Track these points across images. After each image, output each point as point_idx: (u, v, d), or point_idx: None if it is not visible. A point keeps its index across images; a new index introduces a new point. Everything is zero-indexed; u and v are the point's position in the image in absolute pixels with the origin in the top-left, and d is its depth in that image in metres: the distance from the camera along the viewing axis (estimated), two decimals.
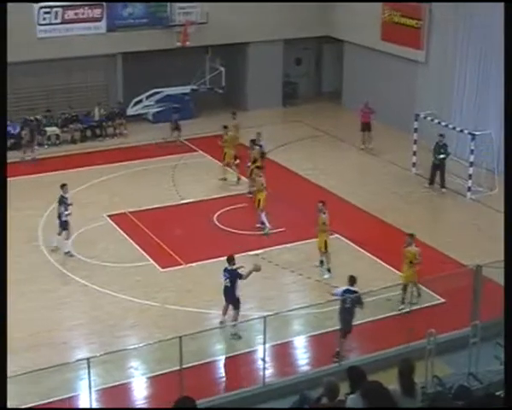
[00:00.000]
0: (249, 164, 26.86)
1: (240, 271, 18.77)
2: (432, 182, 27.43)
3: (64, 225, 22.88)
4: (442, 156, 26.96)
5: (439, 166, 27.19)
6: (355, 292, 17.68)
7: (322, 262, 21.98)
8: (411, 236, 20.11)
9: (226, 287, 18.74)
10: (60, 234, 22.95)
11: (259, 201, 24.30)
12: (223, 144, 28.11)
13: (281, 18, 35.87)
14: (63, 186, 23.21)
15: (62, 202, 22.95)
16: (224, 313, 18.99)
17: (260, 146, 27.57)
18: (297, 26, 36.29)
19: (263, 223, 24.25)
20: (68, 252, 22.76)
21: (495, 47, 26.43)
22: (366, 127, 31.52)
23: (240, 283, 18.70)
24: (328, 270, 21.68)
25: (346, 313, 17.58)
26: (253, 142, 27.63)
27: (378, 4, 33.81)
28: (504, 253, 9.53)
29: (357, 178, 29.13)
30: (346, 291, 17.70)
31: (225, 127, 28.72)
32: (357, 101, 33.62)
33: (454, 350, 16.65)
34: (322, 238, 21.65)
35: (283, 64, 37.79)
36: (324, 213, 21.60)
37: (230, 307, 18.86)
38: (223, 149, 28.14)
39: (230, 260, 18.81)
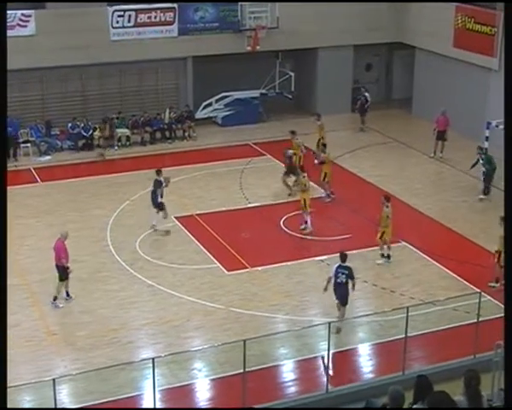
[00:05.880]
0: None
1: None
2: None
3: (160, 206, 24.30)
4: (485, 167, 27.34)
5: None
6: (347, 268, 18.74)
7: (383, 255, 22.84)
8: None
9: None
10: (158, 213, 24.38)
11: (305, 201, 24.62)
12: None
13: (351, 23, 35.75)
14: (159, 172, 24.60)
15: (158, 185, 24.36)
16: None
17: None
18: (367, 31, 36.16)
19: (306, 222, 24.61)
20: (169, 231, 24.41)
21: None
22: (441, 136, 31.21)
23: None
24: (383, 255, 22.78)
25: (341, 288, 18.71)
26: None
27: (451, 10, 33.44)
28: (505, 258, 9.35)
29: (425, 185, 28.83)
30: (339, 267, 18.75)
31: (293, 133, 28.76)
32: (427, 108, 33.29)
33: None
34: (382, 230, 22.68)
35: (353, 70, 37.66)
36: (387, 206, 22.45)
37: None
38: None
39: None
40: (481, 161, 27.46)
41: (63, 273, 20.27)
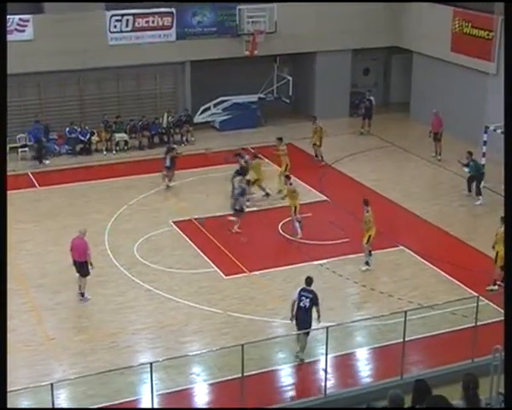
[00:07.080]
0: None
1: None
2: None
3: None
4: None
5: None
6: (311, 292, 17.69)
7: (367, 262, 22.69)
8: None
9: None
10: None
11: (295, 208, 24.64)
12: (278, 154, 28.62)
13: (349, 28, 35.77)
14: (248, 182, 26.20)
15: (244, 192, 25.39)
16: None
17: None
18: (365, 35, 36.20)
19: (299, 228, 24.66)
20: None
21: None
22: (435, 137, 31.38)
23: None
24: (367, 263, 22.43)
25: (304, 313, 17.60)
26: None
27: (448, 15, 33.50)
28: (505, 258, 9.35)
29: (423, 189, 28.86)
30: (302, 291, 17.74)
31: (279, 139, 29.00)
32: (425, 112, 33.32)
33: None
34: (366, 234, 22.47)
35: (351, 74, 37.70)
36: (367, 211, 22.29)
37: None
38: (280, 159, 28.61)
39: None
40: (466, 169, 27.54)
41: (86, 270, 20.53)
